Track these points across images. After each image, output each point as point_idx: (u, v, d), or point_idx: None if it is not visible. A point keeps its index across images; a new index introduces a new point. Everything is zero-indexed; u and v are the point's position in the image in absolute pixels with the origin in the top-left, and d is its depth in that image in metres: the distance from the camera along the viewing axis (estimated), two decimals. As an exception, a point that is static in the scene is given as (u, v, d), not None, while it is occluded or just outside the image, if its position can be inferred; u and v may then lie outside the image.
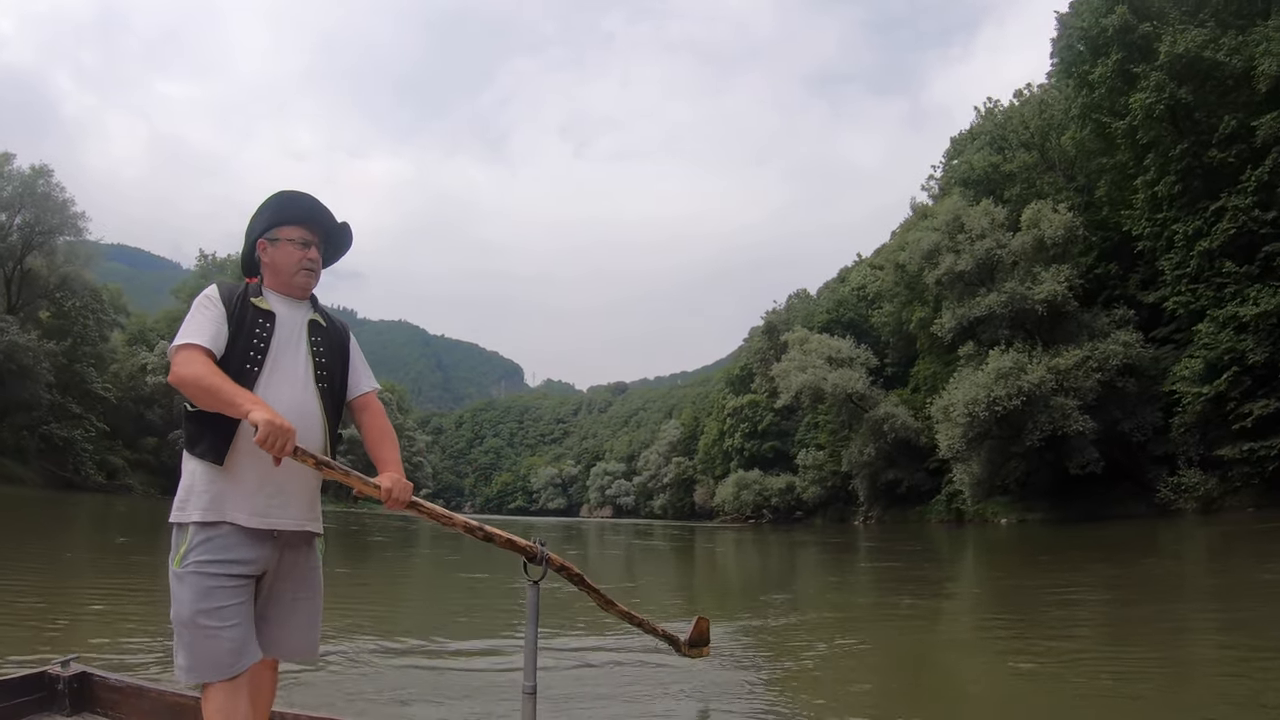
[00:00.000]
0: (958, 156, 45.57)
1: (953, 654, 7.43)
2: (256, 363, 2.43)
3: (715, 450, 78.08)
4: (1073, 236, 31.53)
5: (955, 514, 40.89)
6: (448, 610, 9.83)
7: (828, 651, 7.14)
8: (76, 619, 7.29)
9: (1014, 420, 29.43)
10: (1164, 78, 27.17)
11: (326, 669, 5.50)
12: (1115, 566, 14.76)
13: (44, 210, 45.45)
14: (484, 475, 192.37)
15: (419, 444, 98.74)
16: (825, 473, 55.27)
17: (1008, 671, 6.18)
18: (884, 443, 44.85)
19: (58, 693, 3.43)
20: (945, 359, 41.74)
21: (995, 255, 32.13)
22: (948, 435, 31.58)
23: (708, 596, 13.26)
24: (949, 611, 10.54)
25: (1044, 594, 11.27)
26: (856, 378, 45.29)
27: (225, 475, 2.36)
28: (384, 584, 13.04)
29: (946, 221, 33.84)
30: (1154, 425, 29.62)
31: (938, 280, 33.60)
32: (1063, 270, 30.88)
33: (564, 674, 5.80)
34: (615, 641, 7.09)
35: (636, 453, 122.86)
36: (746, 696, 5.31)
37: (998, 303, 31.31)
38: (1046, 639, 7.45)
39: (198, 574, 2.29)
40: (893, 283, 43.99)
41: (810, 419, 60.24)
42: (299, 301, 2.63)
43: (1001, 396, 28.72)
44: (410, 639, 6.97)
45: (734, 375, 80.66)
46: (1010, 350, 29.86)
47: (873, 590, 13.69)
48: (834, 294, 68.54)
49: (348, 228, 2.75)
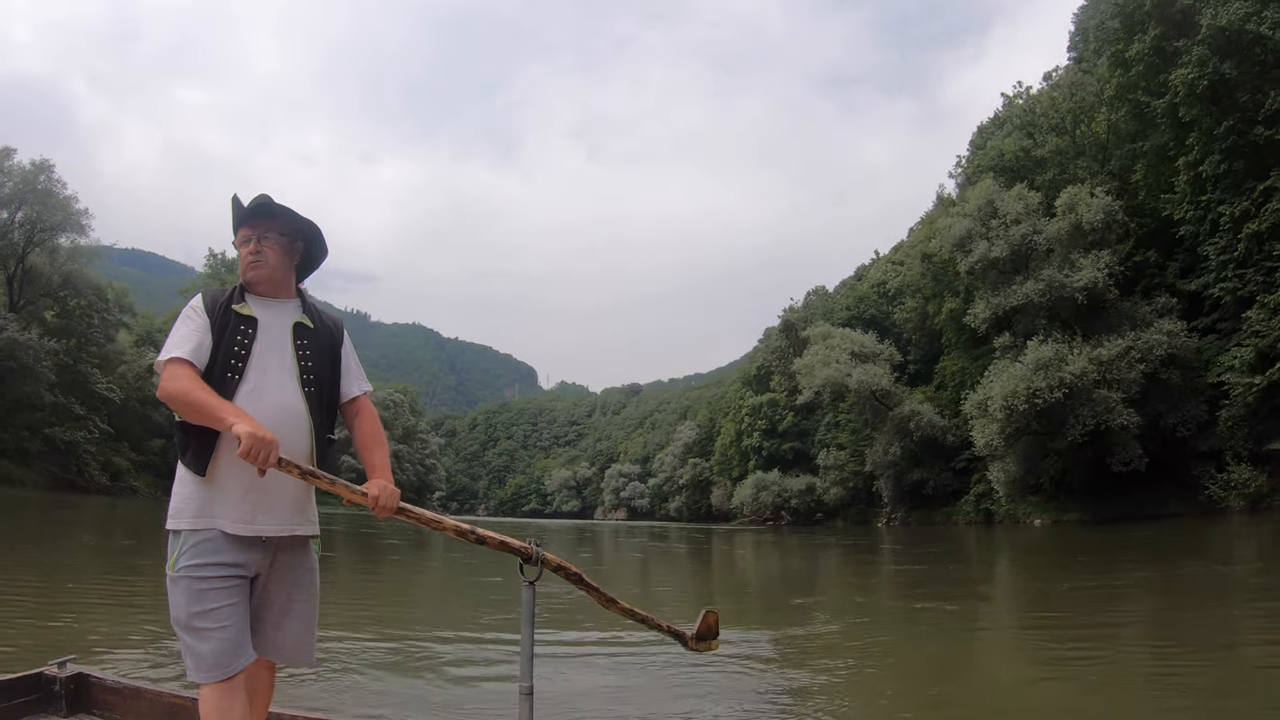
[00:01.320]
0: (985, 144, 44.00)
1: (992, 661, 7.19)
2: (237, 370, 2.43)
3: (732, 451, 76.43)
4: (1111, 221, 29.90)
5: (984, 515, 39.72)
6: (451, 611, 9.88)
7: (854, 658, 6.88)
8: (74, 619, 7.22)
9: (1053, 415, 27.84)
10: (1206, 52, 26.15)
11: (326, 669, 5.48)
12: (1160, 569, 14.18)
13: (45, 207, 44.64)
14: (498, 478, 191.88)
15: (432, 446, 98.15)
16: (847, 473, 53.53)
17: (1052, 681, 5.87)
18: (909, 441, 43.17)
19: (54, 694, 3.44)
20: (974, 353, 40.22)
21: (1031, 242, 30.43)
22: (984, 431, 29.97)
23: (732, 600, 12.74)
24: (988, 616, 10.21)
25: (1088, 598, 10.78)
26: (881, 374, 43.67)
27: (210, 484, 2.38)
28: (390, 584, 13.22)
29: (979, 207, 32.19)
30: (1198, 419, 28.22)
31: (970, 268, 31.90)
32: (1102, 257, 29.23)
33: (564, 674, 5.77)
34: (615, 642, 7.14)
35: (651, 454, 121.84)
36: (754, 702, 5.11)
37: (1035, 291, 29.67)
38: (1093, 647, 7.15)
39: (189, 578, 2.33)
40: (918, 275, 42.44)
41: (830, 418, 58.72)
42: (284, 302, 2.64)
43: (1042, 389, 27.13)
44: (411, 639, 7.05)
45: (751, 374, 79.27)
46: (1049, 341, 28.17)
47: (906, 594, 13.04)
48: (853, 291, 67.04)
49: (270, 201, 2.64)
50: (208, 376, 2.37)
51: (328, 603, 2.61)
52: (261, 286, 2.59)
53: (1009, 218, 31.07)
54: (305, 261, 2.77)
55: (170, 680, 4.53)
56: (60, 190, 45.47)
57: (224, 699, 2.27)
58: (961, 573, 17.29)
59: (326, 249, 2.79)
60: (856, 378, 42.38)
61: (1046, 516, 33.95)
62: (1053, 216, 30.86)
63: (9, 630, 6.36)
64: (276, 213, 2.64)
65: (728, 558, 24.62)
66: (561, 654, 6.76)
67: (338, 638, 6.55)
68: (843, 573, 18.42)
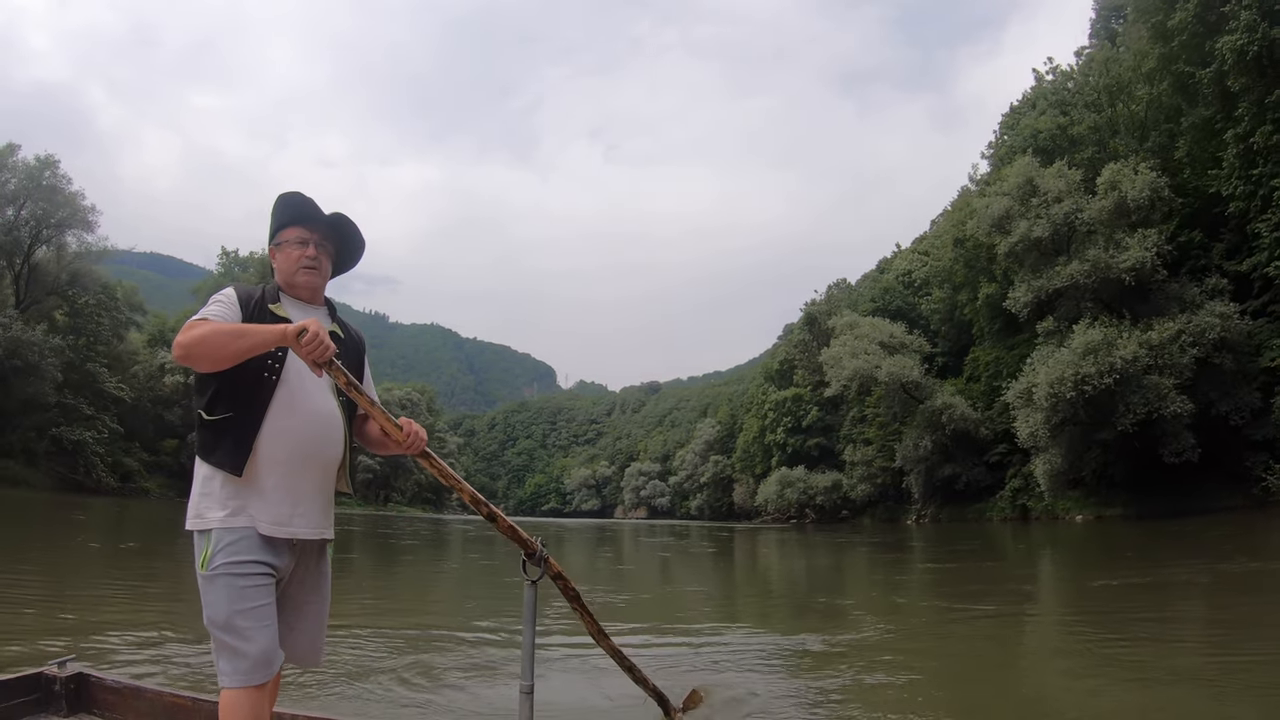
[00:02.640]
0: (1016, 124, 42.24)
1: (1050, 666, 6.58)
2: (275, 371, 2.38)
3: (755, 447, 74.71)
4: (1157, 199, 28.04)
5: (1020, 511, 38.15)
6: (454, 612, 9.77)
7: (893, 663, 6.28)
8: (73, 619, 7.23)
9: (1102, 403, 25.97)
10: (1255, 17, 24.80)
11: (327, 669, 5.36)
12: (1215, 567, 13.06)
13: (51, 203, 43.91)
14: (517, 477, 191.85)
15: (450, 446, 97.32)
16: (874, 469, 51.83)
17: (1111, 686, 5.35)
18: (941, 435, 41.42)
19: (54, 693, 3.42)
20: (1009, 342, 38.53)
21: (1075, 220, 28.58)
22: (1028, 421, 28.21)
23: (760, 601, 12.18)
24: (1046, 618, 9.44)
25: (1141, 594, 10.24)
26: (911, 365, 41.94)
27: (245, 485, 2.33)
28: (397, 585, 13.10)
29: (1017, 185, 30.36)
30: (1251, 406, 26.60)
31: (1010, 250, 30.07)
32: (1150, 235, 27.41)
33: (563, 675, 5.73)
34: (616, 641, 6.21)
35: (671, 452, 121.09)
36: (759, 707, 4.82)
37: (1080, 272, 27.89)
38: (1150, 650, 6.63)
39: (229, 575, 2.26)
40: (950, 260, 40.56)
41: (856, 412, 57.05)
42: (315, 309, 2.60)
43: (1091, 374, 25.33)
44: (412, 640, 6.99)
45: (773, 369, 77.67)
46: (1096, 325, 26.40)
47: (950, 594, 11.94)
48: (877, 282, 65.34)
49: (348, 220, 2.66)
50: (242, 373, 2.30)
51: (338, 602, 2.65)
52: (305, 292, 2.57)
53: (1050, 195, 29.28)
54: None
55: (171, 680, 4.57)
56: (66, 186, 44.77)
57: (258, 704, 2.21)
58: (1009, 570, 16.12)
59: (354, 267, 2.80)
60: (886, 369, 40.70)
61: (1088, 512, 32.38)
62: (1093, 195, 29.07)
63: (9, 630, 6.26)
64: (346, 229, 2.66)
65: (751, 556, 23.58)
66: (563, 655, 6.50)
67: (340, 638, 6.45)
68: (880, 571, 17.32)
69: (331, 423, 2.46)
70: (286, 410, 2.33)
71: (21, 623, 6.74)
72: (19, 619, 6.90)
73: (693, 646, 6.88)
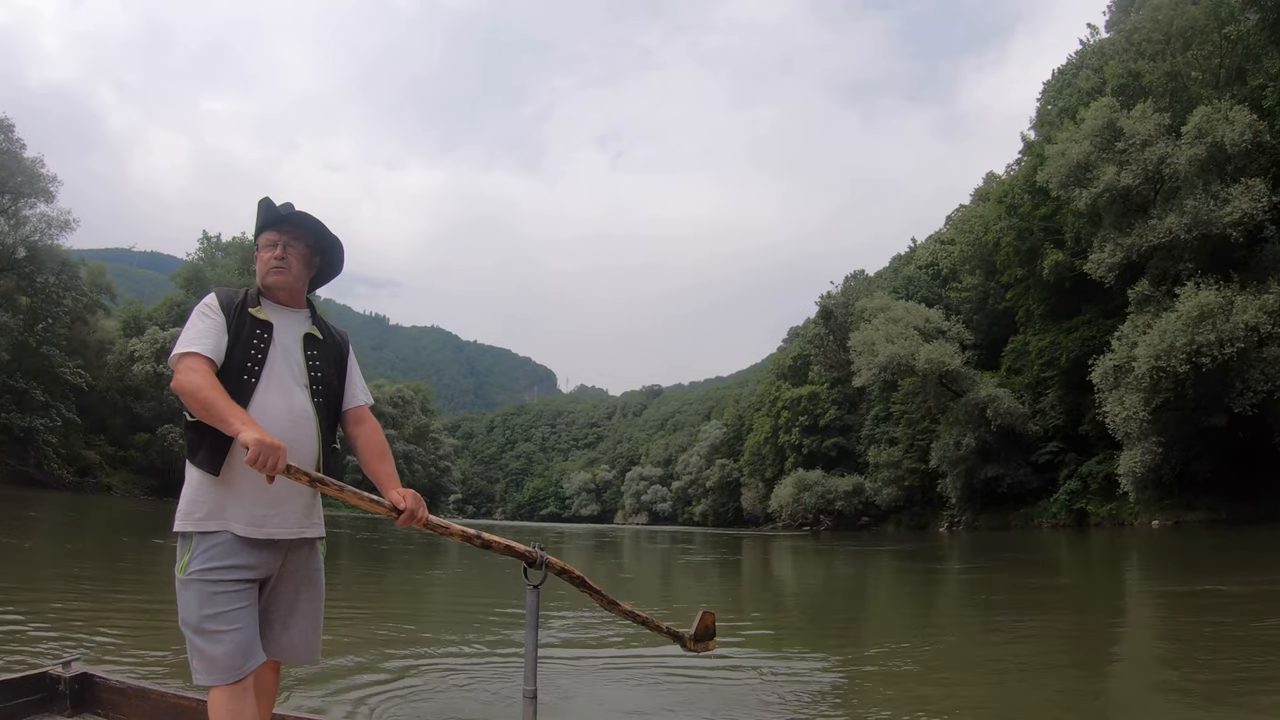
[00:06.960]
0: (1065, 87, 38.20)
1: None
2: (254, 373, 2.40)
3: (767, 449, 70.05)
4: (1260, 144, 23.87)
5: (1076, 516, 33.68)
6: (456, 613, 9.57)
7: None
8: (76, 619, 7.07)
9: (1213, 381, 21.70)
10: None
11: (327, 669, 5.34)
12: None
13: (3, 169, 39.63)
14: (515, 481, 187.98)
15: (445, 447, 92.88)
16: (902, 471, 47.29)
17: None
18: (985, 432, 37.08)
19: (58, 693, 3.38)
20: (1067, 325, 34.32)
21: (1168, 166, 24.26)
22: (1123, 404, 23.74)
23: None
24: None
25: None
26: (952, 353, 37.60)
27: (222, 486, 2.33)
28: (397, 587, 12.89)
29: (1097, 129, 25.98)
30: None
31: (1093, 202, 25.67)
32: (1255, 185, 23.21)
33: (564, 677, 5.66)
34: (617, 645, 7.03)
35: (674, 456, 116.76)
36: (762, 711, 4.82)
37: (1180, 225, 23.60)
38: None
39: (201, 581, 2.28)
40: (996, 234, 36.25)
41: (879, 410, 52.68)
42: (296, 311, 2.60)
43: (1211, 343, 21.06)
44: (412, 639, 7.00)
45: (786, 365, 73.43)
46: (1204, 288, 22.21)
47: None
48: (898, 273, 61.20)
49: (310, 216, 2.61)
50: (223, 377, 2.33)
51: (333, 606, 2.64)
52: (280, 294, 2.57)
53: (1137, 139, 24.99)
54: (319, 275, 2.71)
55: (175, 679, 4.51)
56: (21, 151, 40.72)
57: (235, 701, 2.23)
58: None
59: (342, 266, 2.75)
60: (925, 356, 36.31)
61: (1164, 516, 28.20)
62: (1179, 142, 24.91)
63: (9, 630, 6.20)
64: (306, 223, 2.62)
65: (768, 568, 20.41)
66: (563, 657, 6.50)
67: (341, 637, 6.42)
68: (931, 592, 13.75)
69: (302, 424, 2.42)
70: (260, 412, 2.31)
71: (22, 623, 6.59)
72: (24, 619, 6.72)
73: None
